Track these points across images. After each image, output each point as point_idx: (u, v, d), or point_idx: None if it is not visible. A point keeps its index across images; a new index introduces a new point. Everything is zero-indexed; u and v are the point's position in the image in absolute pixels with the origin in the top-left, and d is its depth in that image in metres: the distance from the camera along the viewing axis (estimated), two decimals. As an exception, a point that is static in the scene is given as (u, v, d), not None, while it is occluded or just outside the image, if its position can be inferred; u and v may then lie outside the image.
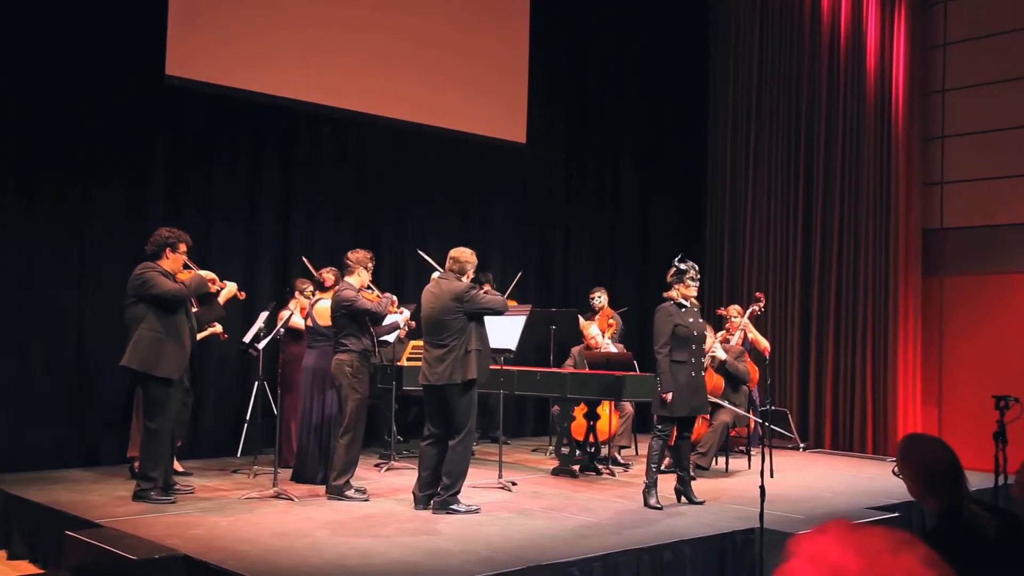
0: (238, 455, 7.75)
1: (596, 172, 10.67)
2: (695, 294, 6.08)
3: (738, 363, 7.49)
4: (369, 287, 6.36)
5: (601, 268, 10.59)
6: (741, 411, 7.45)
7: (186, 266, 6.03)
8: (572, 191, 10.49)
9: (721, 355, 7.44)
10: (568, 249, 10.49)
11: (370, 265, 6.20)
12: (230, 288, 6.35)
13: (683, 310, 6.00)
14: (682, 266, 6.03)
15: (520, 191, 10.10)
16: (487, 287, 8.85)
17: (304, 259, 7.14)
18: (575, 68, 10.37)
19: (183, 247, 5.89)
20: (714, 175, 11.04)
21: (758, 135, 10.51)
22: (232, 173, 8.10)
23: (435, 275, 5.95)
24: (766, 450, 5.73)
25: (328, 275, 6.76)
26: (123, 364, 5.73)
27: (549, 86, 10.07)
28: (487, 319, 5.81)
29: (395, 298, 6.34)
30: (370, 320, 6.00)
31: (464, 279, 5.80)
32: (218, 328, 7.01)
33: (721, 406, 7.39)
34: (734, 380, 7.50)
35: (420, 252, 6.77)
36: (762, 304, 8.33)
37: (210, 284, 6.00)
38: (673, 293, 6.03)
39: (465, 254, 5.83)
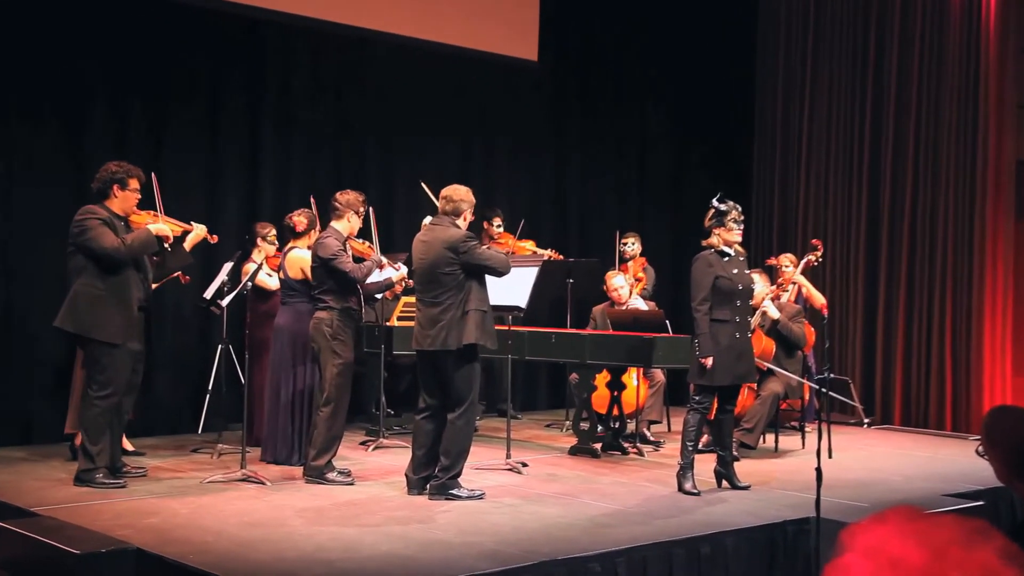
0: (199, 431, 7.78)
1: (620, 97, 10.61)
2: (739, 239, 6.04)
3: (792, 324, 7.45)
4: (360, 238, 6.32)
5: (626, 211, 10.59)
6: (795, 379, 7.41)
7: (148, 208, 5.99)
8: (592, 120, 10.44)
9: (774, 313, 7.39)
10: (588, 189, 10.48)
11: (362, 210, 6.18)
12: (198, 232, 6.26)
13: (726, 259, 5.97)
14: (722, 207, 5.99)
15: (530, 119, 10.05)
16: (497, 222, 9.22)
17: (312, 199, 7.04)
18: (596, -31, 10.33)
19: (134, 183, 5.85)
20: (763, 102, 10.94)
21: (816, 51, 10.37)
22: (189, 99, 8.05)
23: (426, 221, 5.92)
24: (823, 426, 5.72)
25: (300, 219, 6.71)
26: (57, 325, 5.74)
27: (565, -9, 10.05)
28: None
29: (385, 261, 6.33)
30: (346, 279, 5.99)
31: (460, 222, 5.76)
32: (178, 272, 7.01)
33: (771, 374, 7.35)
34: (787, 344, 7.48)
35: (423, 185, 6.73)
36: (819, 253, 8.26)
37: (165, 239, 5.94)
38: (713, 239, 5.99)
39: (459, 192, 5.79)
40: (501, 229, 9.00)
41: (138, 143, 7.73)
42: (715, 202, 6.00)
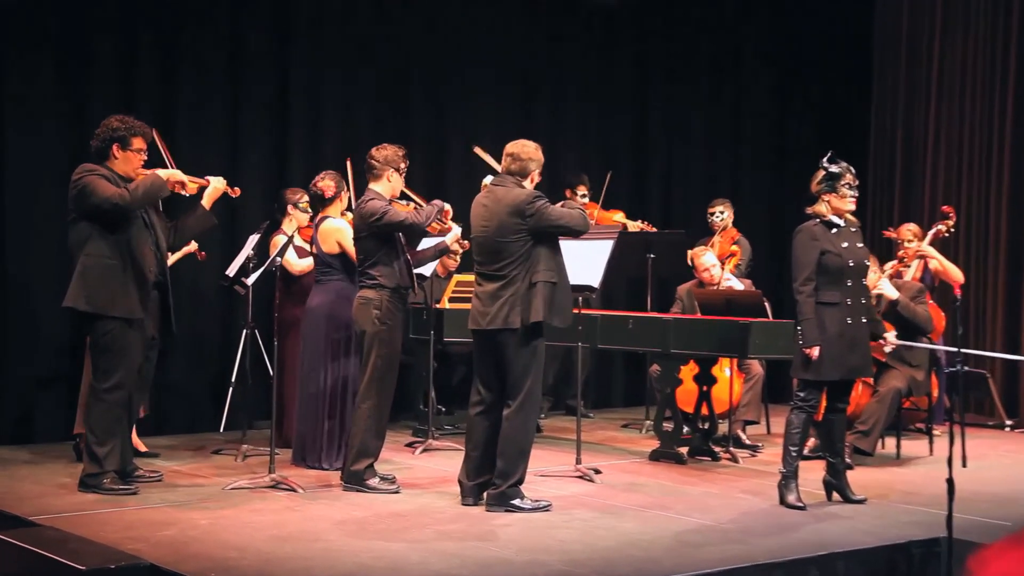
0: (221, 429, 7.88)
1: (712, 38, 10.54)
2: (852, 208, 5.97)
3: (916, 305, 7.34)
4: (404, 198, 6.33)
5: (717, 174, 10.53)
6: (919, 373, 7.31)
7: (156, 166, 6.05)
8: (678, 65, 10.40)
9: (891, 293, 7.29)
10: (672, 147, 10.43)
11: (403, 166, 6.18)
12: (216, 185, 6.17)
13: (835, 231, 5.91)
14: (833, 168, 5.91)
15: (605, 65, 10.00)
16: (582, 191, 9.05)
17: (348, 161, 7.03)
18: None
19: (138, 142, 5.89)
20: (882, 37, 10.75)
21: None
22: (205, 39, 8.11)
23: (487, 180, 5.91)
24: (956, 429, 5.61)
25: (327, 182, 6.73)
26: (66, 305, 5.80)
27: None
28: (563, 243, 5.77)
29: (448, 207, 6.30)
30: (406, 239, 5.99)
31: (527, 183, 5.75)
32: (193, 246, 7.08)
33: (890, 367, 7.26)
34: (910, 329, 7.35)
35: (477, 150, 6.72)
36: (951, 223, 8.11)
37: (177, 186, 5.93)
38: (821, 207, 5.93)
39: (527, 149, 5.77)
40: (586, 199, 8.98)
41: (147, 92, 7.82)
42: (825, 162, 5.93)
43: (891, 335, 6.68)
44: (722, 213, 8.86)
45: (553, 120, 9.72)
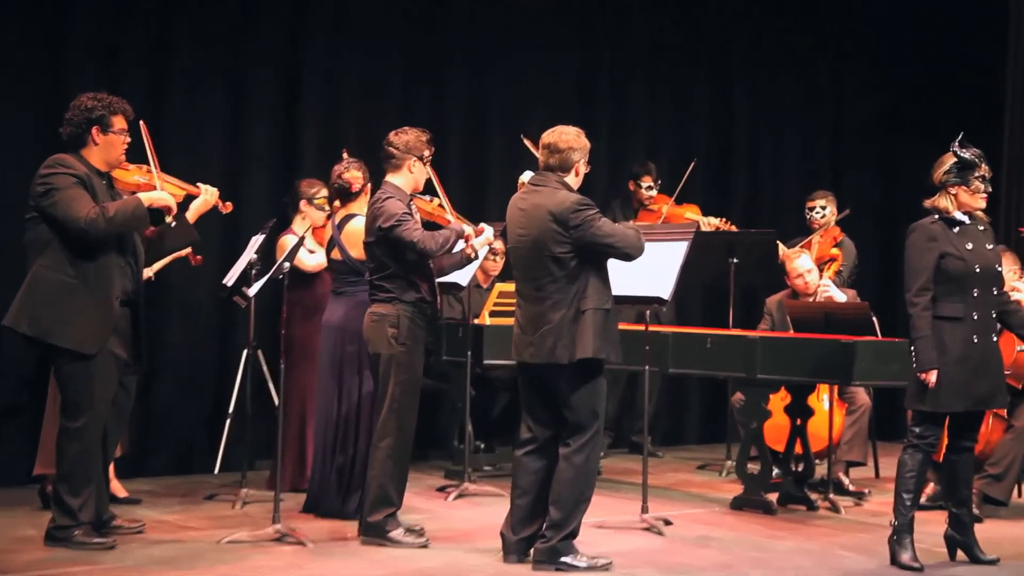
0: (215, 471, 7.85)
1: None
2: (983, 205, 5.91)
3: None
4: (428, 192, 6.27)
5: (815, 162, 10.47)
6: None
7: (137, 161, 6.03)
8: (767, 32, 10.37)
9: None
10: (759, 129, 10.42)
11: (427, 154, 6.16)
12: (206, 196, 6.26)
13: (956, 230, 5.85)
14: (965, 155, 5.84)
15: (676, 35, 9.99)
16: (647, 182, 9.13)
17: (345, 152, 7.08)
18: None
19: (119, 121, 5.90)
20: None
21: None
22: (198, 14, 8.14)
23: (523, 177, 5.86)
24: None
25: (354, 173, 6.70)
26: (6, 324, 5.77)
27: None
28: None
29: (470, 230, 6.26)
30: (414, 253, 5.96)
31: (571, 179, 5.69)
32: (185, 250, 7.07)
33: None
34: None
35: (524, 139, 6.67)
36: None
37: (166, 211, 5.95)
38: (943, 201, 5.88)
39: (567, 137, 5.71)
40: (654, 192, 8.92)
41: (132, 73, 7.84)
42: (956, 147, 5.85)
43: None
44: (824, 208, 8.77)
45: (615, 100, 9.73)
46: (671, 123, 10.04)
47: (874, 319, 7.37)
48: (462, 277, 6.89)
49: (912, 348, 5.78)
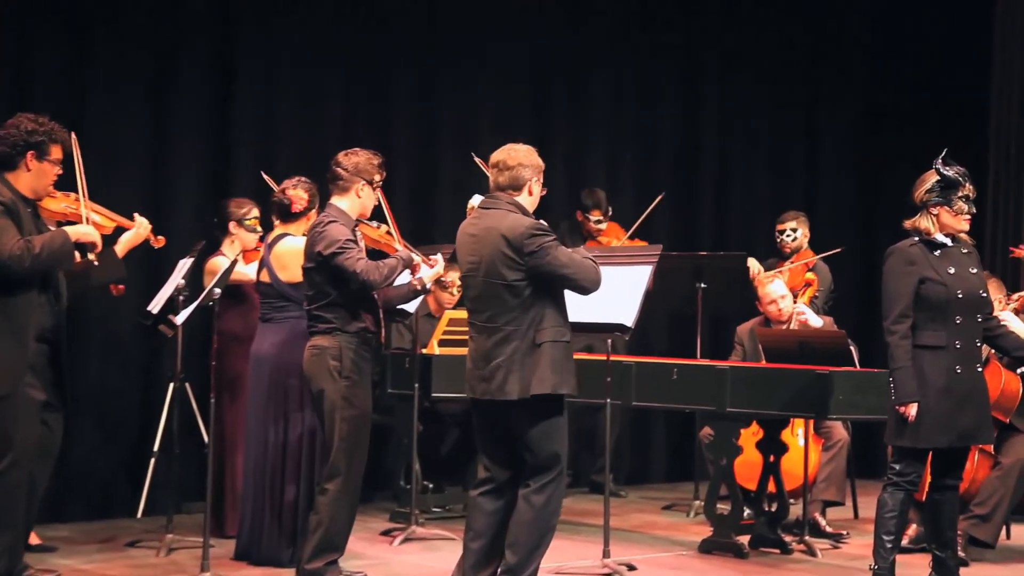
0: (139, 515, 7.82)
1: (783, 9, 10.61)
2: (967, 227, 5.93)
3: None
4: (377, 218, 6.28)
5: (787, 180, 10.50)
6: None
7: (68, 189, 6.02)
8: (734, 39, 10.43)
9: (1021, 331, 7.21)
10: (728, 147, 10.45)
11: (377, 178, 6.17)
12: (138, 230, 6.28)
13: (937, 252, 5.87)
14: (948, 172, 5.86)
15: (641, 40, 10.02)
16: (596, 215, 9.14)
17: (264, 175, 7.09)
18: None
19: (56, 151, 5.83)
20: (1007, 13, 10.74)
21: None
22: (125, 23, 8.11)
23: (473, 202, 5.86)
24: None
25: (298, 192, 6.70)
26: None
27: None
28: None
29: (417, 260, 6.28)
30: (355, 284, 5.96)
31: (524, 199, 5.68)
32: None
33: (1018, 430, 7.22)
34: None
35: (476, 158, 6.70)
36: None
37: (91, 246, 5.89)
38: (924, 222, 5.90)
39: (517, 154, 5.70)
40: (603, 226, 8.96)
41: (51, 86, 7.82)
42: (939, 165, 5.88)
43: None
44: (795, 231, 8.82)
45: (576, 115, 9.79)
46: (634, 139, 10.06)
47: (852, 348, 7.40)
48: (409, 304, 6.89)
49: (891, 379, 5.81)
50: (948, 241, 5.91)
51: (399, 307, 6.67)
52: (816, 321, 7.98)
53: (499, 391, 5.53)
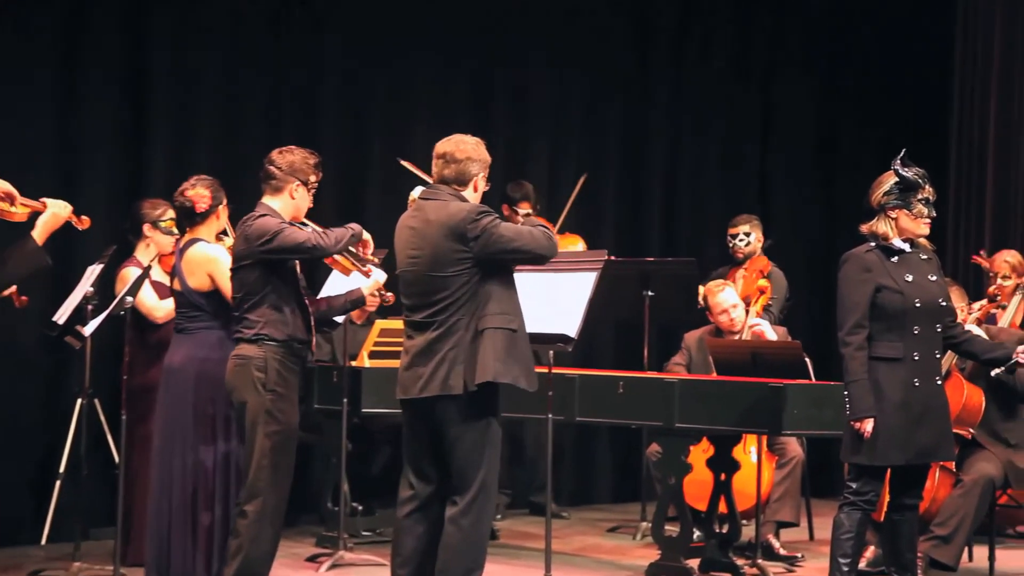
0: (43, 542, 7.71)
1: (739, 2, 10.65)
2: (927, 231, 5.96)
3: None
4: (306, 226, 6.23)
5: (740, 182, 10.58)
6: (1021, 457, 7.28)
7: None
8: (682, 36, 10.49)
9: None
10: (678, 147, 10.50)
11: (313, 179, 6.14)
12: (55, 211, 6.15)
13: (895, 259, 5.89)
14: (907, 174, 5.88)
15: (583, 37, 10.05)
16: (525, 207, 9.01)
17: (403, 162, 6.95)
18: None
19: None
20: (970, 7, 10.84)
21: None
22: (32, 14, 8.06)
23: (414, 194, 5.84)
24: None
25: (199, 191, 6.60)
26: None
27: None
28: (520, 274, 5.74)
29: (367, 235, 6.21)
30: (302, 261, 5.93)
31: (469, 193, 5.69)
32: (11, 289, 6.94)
33: (980, 447, 7.25)
34: (1006, 397, 7.35)
35: (403, 162, 6.66)
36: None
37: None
38: (882, 227, 5.91)
39: (465, 146, 5.72)
40: (532, 215, 8.92)
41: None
42: (898, 166, 5.89)
43: None
44: (748, 235, 8.85)
45: (513, 117, 9.79)
46: (569, 146, 10.08)
47: (807, 360, 7.41)
48: (340, 314, 6.84)
49: (846, 394, 5.83)
50: (906, 247, 5.94)
51: (332, 319, 6.63)
52: (770, 334, 7.99)
53: (442, 386, 5.52)
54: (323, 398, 7.66)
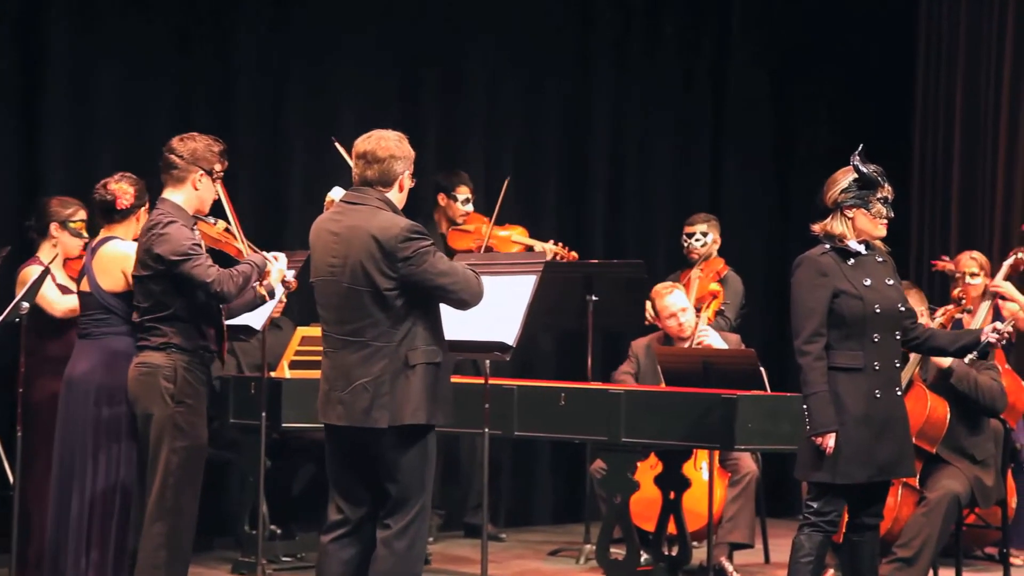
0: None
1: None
2: (883, 233, 5.95)
3: (980, 372, 7.40)
4: (216, 214, 6.23)
5: (693, 174, 10.62)
6: (988, 474, 7.34)
7: None
8: (637, 20, 10.50)
9: (940, 359, 7.32)
10: (623, 136, 10.52)
11: (218, 168, 6.12)
12: None
13: (852, 262, 5.89)
14: (865, 169, 5.87)
15: (520, 20, 10.09)
16: (463, 193, 9.04)
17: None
18: None
19: None
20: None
21: None
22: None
23: (333, 195, 5.81)
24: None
25: (122, 186, 6.59)
26: None
27: None
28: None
29: (275, 262, 6.21)
30: (206, 296, 5.92)
31: (394, 195, 5.66)
32: None
33: (944, 462, 7.30)
34: (971, 408, 7.42)
35: (335, 143, 6.64)
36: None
37: None
38: (838, 226, 5.91)
39: (387, 143, 5.66)
40: (470, 207, 8.92)
41: None
42: (857, 162, 5.88)
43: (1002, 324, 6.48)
44: (705, 235, 8.90)
45: (445, 97, 9.81)
46: (511, 125, 10.11)
47: (762, 370, 7.41)
48: (255, 319, 6.81)
49: (804, 407, 5.82)
50: (862, 249, 5.93)
51: (243, 323, 6.61)
52: (720, 342, 8.03)
53: (364, 417, 5.49)
54: (240, 412, 7.64)
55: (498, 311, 6.44)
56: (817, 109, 11.09)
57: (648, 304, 8.23)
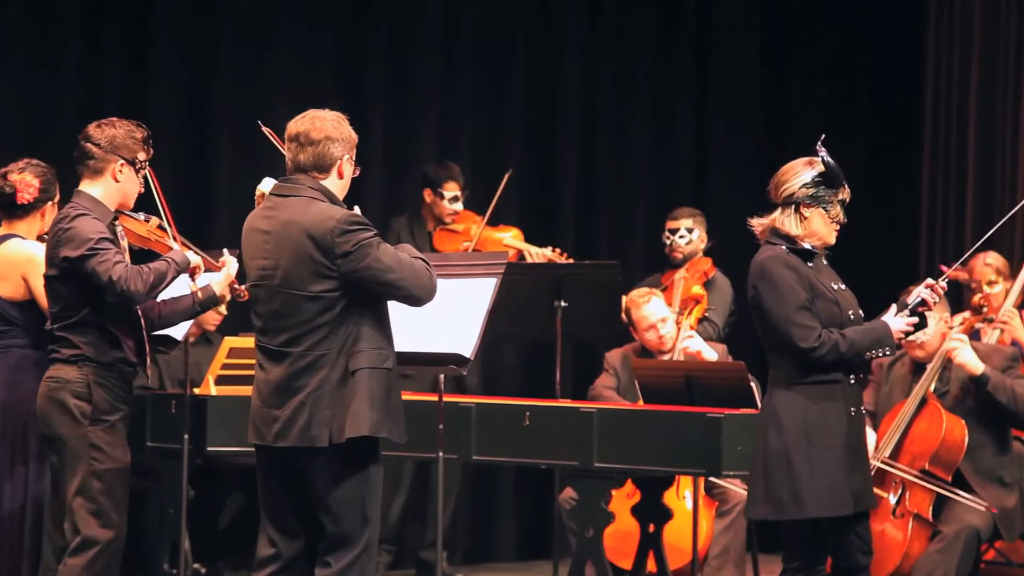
0: None
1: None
2: (834, 240, 5.90)
3: (1013, 380, 7.42)
4: (141, 213, 6.24)
5: (677, 170, 10.70)
6: (1010, 497, 7.39)
7: None
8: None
9: (975, 365, 7.34)
10: (595, 120, 10.55)
11: (142, 156, 6.13)
12: None
13: (812, 265, 5.85)
14: (832, 163, 5.79)
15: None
16: (452, 190, 9.10)
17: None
18: None
19: None
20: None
21: None
22: None
23: (263, 187, 5.81)
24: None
25: (26, 177, 6.62)
26: None
27: None
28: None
29: (197, 262, 6.21)
30: (112, 297, 5.91)
31: (332, 183, 5.67)
32: None
33: (954, 496, 7.36)
34: (997, 422, 7.50)
35: (264, 128, 6.66)
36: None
37: None
38: (792, 225, 5.87)
39: (323, 123, 5.64)
40: (459, 206, 8.95)
41: None
42: (823, 153, 5.82)
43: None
44: (690, 232, 8.94)
45: (395, 78, 9.82)
46: (473, 110, 10.15)
47: (753, 385, 7.45)
48: (177, 330, 6.81)
49: (871, 353, 5.79)
50: (816, 252, 5.89)
51: (163, 333, 6.60)
52: (709, 353, 8.08)
53: (301, 436, 5.50)
54: (158, 434, 7.65)
55: (454, 319, 6.43)
56: (814, 83, 11.16)
57: (623, 314, 8.27)
